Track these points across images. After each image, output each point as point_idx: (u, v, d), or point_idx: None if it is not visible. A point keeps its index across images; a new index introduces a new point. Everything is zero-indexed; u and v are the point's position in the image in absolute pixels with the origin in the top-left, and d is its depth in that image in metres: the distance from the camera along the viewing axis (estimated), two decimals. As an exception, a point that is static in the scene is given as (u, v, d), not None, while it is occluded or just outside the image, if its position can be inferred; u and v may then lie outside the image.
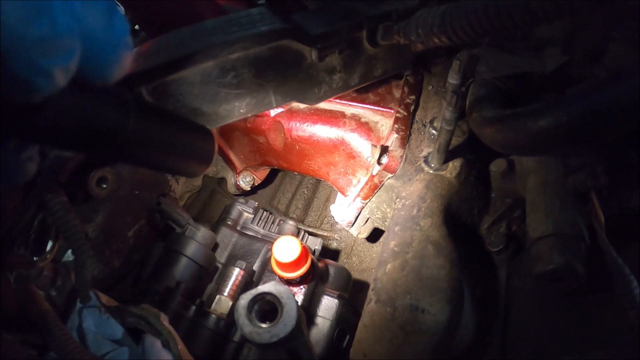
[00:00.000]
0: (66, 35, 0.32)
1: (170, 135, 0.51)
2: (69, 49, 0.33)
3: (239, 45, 0.61)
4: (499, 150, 0.67)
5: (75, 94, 0.38)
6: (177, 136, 0.52)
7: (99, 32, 0.35)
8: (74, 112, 0.38)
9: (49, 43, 0.31)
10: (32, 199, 0.65)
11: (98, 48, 0.36)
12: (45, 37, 0.31)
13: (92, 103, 0.40)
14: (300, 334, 0.55)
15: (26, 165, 0.40)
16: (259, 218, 1.01)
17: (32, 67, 0.31)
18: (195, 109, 0.63)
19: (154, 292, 0.81)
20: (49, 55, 0.31)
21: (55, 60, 0.32)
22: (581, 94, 0.54)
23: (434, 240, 0.72)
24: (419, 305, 0.66)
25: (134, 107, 0.43)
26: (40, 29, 0.31)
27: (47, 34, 0.31)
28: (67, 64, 0.33)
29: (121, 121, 0.42)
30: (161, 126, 0.49)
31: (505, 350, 0.71)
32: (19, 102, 0.33)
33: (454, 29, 0.55)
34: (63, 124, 0.38)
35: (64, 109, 0.37)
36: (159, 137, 0.48)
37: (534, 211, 0.67)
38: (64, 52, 0.33)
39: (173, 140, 0.51)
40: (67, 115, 0.38)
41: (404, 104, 0.89)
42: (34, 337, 0.60)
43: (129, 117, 0.43)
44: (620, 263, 0.56)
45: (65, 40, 0.32)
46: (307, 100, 0.74)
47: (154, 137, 0.48)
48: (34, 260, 0.66)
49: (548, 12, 0.47)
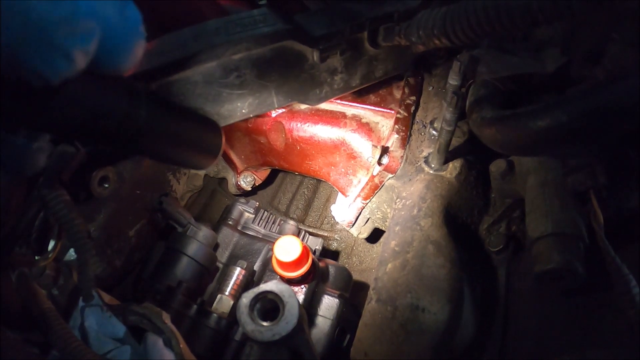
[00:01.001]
0: (87, 16, 0.33)
1: (180, 126, 0.51)
2: (89, 30, 0.33)
3: (242, 46, 0.62)
4: (498, 150, 0.67)
5: (89, 83, 0.38)
6: (186, 127, 0.52)
7: (114, 19, 0.36)
8: (87, 99, 0.38)
9: (70, 24, 0.32)
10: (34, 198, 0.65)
11: (112, 35, 0.36)
12: (66, 17, 0.31)
13: (105, 91, 0.40)
14: (302, 333, 0.56)
15: (37, 155, 0.41)
16: (260, 218, 1.02)
17: (53, 47, 0.31)
18: (198, 109, 0.63)
19: (156, 291, 0.81)
20: (70, 36, 0.32)
21: (76, 41, 0.32)
22: (581, 95, 0.54)
23: (434, 240, 0.72)
24: (420, 304, 0.66)
25: (145, 98, 0.44)
26: (63, 9, 0.31)
27: (69, 14, 0.31)
28: (86, 45, 0.33)
29: (133, 110, 0.42)
30: (172, 117, 0.50)
31: (505, 350, 0.71)
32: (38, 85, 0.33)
33: (455, 30, 0.56)
34: (77, 112, 0.38)
35: (78, 96, 0.38)
36: (169, 127, 0.49)
37: (534, 211, 0.67)
38: (85, 33, 0.33)
39: (183, 131, 0.52)
40: (81, 103, 0.38)
41: (405, 105, 0.89)
42: (36, 335, 0.60)
43: (141, 107, 0.43)
44: (619, 263, 0.57)
45: (86, 21, 0.33)
46: (309, 100, 0.74)
47: (164, 127, 0.48)
48: (36, 259, 0.67)
49: (548, 13, 0.47)
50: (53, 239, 0.68)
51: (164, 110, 0.48)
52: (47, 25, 0.31)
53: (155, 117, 0.45)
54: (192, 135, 0.53)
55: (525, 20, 0.49)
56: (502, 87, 0.72)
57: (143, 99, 0.43)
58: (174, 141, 0.50)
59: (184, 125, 0.52)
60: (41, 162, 0.41)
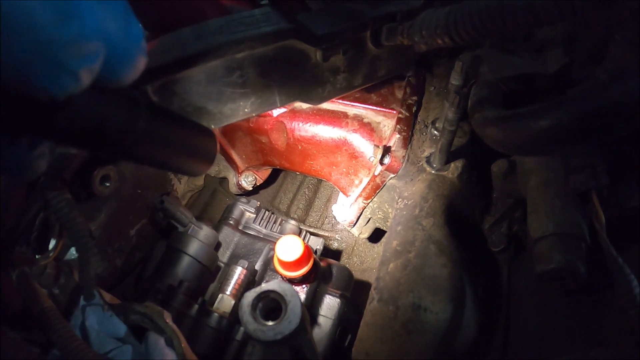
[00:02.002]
0: (93, 37, 0.33)
1: (176, 135, 0.51)
2: (95, 50, 0.34)
3: (245, 45, 0.62)
4: (500, 150, 0.67)
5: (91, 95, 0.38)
6: (182, 136, 0.53)
7: (117, 35, 0.36)
8: (89, 111, 0.39)
9: (77, 44, 0.32)
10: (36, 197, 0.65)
11: (115, 51, 0.36)
12: (74, 39, 0.32)
13: (107, 104, 0.41)
14: (304, 332, 0.56)
15: (37, 162, 0.41)
16: (261, 218, 1.01)
17: (61, 67, 0.31)
18: (201, 108, 0.63)
19: (157, 291, 0.81)
20: (77, 56, 0.32)
21: (83, 62, 0.33)
22: (582, 95, 0.54)
23: (436, 240, 0.72)
24: (422, 304, 0.66)
25: (144, 108, 0.44)
26: (71, 30, 0.31)
27: (77, 35, 0.32)
28: (92, 64, 0.34)
29: (132, 121, 0.43)
30: (168, 126, 0.50)
31: (506, 349, 0.71)
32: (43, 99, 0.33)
33: (457, 30, 0.56)
34: (78, 123, 0.39)
35: (80, 108, 0.38)
36: (165, 136, 0.49)
37: (535, 211, 0.67)
38: (91, 53, 0.33)
39: (179, 140, 0.52)
40: (83, 115, 0.39)
41: (406, 105, 0.89)
42: (37, 334, 0.60)
43: (140, 117, 0.43)
44: (620, 263, 0.57)
45: (92, 42, 0.33)
46: (311, 100, 0.74)
47: (161, 137, 0.48)
48: (37, 258, 0.66)
49: (550, 13, 0.47)
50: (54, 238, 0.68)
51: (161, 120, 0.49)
52: (56, 46, 0.31)
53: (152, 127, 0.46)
54: (188, 143, 0.54)
55: (527, 20, 0.49)
56: (504, 87, 0.73)
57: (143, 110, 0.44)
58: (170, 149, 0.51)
59: (180, 134, 0.52)
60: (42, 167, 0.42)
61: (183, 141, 0.53)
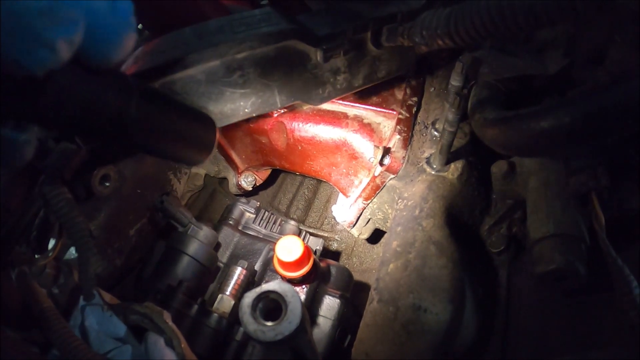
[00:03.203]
0: (69, 5, 0.32)
1: (172, 120, 0.50)
2: (72, 19, 0.32)
3: (245, 45, 0.62)
4: (500, 151, 0.67)
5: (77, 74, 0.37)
6: (178, 122, 0.52)
7: (103, 10, 0.35)
8: (75, 91, 0.37)
9: (52, 13, 0.31)
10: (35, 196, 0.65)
11: (101, 27, 0.35)
12: (48, 7, 0.30)
13: (95, 84, 0.39)
14: (304, 333, 0.55)
15: (24, 148, 0.39)
16: (261, 218, 1.01)
17: (35, 38, 0.30)
18: (201, 108, 0.63)
19: (156, 291, 0.80)
20: (53, 25, 0.31)
21: (59, 31, 0.31)
22: (583, 96, 0.55)
23: (436, 241, 0.72)
24: (422, 304, 0.66)
25: (137, 91, 0.43)
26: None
27: (50, 3, 0.31)
28: (70, 35, 0.32)
29: (124, 104, 0.42)
30: (163, 111, 0.49)
31: (506, 350, 0.72)
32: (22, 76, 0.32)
33: (458, 31, 0.56)
34: (64, 104, 0.37)
35: (65, 88, 0.37)
36: (161, 121, 0.48)
37: (535, 212, 0.68)
38: (67, 22, 0.32)
39: (175, 125, 0.51)
40: (69, 95, 0.37)
41: (406, 106, 0.89)
42: (36, 334, 0.60)
43: (132, 100, 0.42)
44: (620, 264, 0.57)
45: (68, 10, 0.32)
46: (312, 100, 0.74)
47: (156, 122, 0.47)
48: (36, 257, 0.66)
49: (552, 14, 0.48)
50: (53, 238, 0.68)
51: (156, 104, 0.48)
52: (28, 16, 0.30)
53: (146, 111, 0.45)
54: (186, 130, 0.52)
55: (529, 22, 0.49)
56: (504, 89, 0.73)
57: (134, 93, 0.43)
58: (166, 135, 0.50)
59: (177, 120, 0.51)
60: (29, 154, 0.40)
61: (179, 127, 0.52)
